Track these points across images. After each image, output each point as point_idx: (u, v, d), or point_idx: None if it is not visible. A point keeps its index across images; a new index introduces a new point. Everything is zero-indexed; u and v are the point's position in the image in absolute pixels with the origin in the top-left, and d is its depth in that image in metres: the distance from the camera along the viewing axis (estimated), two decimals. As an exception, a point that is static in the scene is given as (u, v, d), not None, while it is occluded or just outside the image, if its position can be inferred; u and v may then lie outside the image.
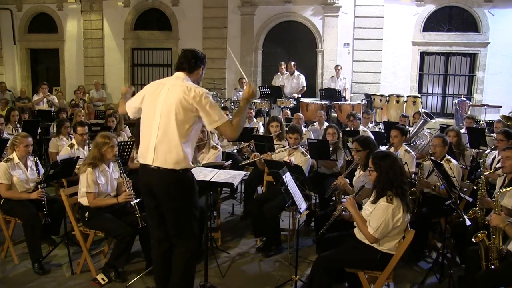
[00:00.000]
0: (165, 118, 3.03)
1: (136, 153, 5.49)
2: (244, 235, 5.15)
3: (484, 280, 3.18)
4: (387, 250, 3.30)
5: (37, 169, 4.41)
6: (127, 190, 4.07)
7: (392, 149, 5.26)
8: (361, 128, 7.12)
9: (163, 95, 3.08)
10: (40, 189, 4.26)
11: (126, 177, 4.14)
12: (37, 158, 4.55)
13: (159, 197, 3.11)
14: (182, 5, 13.42)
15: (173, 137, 3.02)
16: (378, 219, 3.22)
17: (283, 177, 3.56)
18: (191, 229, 3.20)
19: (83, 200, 4.04)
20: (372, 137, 5.39)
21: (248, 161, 5.43)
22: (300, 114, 7.81)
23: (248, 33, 12.93)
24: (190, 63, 3.20)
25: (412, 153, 5.23)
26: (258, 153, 5.32)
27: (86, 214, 4.02)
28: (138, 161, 3.26)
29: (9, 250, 4.42)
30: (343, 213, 3.68)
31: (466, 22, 11.77)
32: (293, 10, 12.48)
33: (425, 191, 4.62)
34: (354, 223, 3.53)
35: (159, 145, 3.04)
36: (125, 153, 5.25)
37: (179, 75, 3.19)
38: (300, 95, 10.86)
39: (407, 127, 7.94)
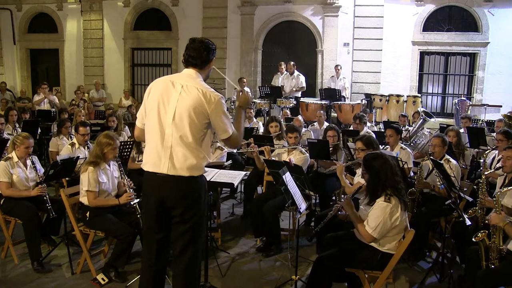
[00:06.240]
0: (179, 123, 2.75)
1: (136, 153, 5.54)
2: (244, 235, 5.15)
3: (484, 280, 3.19)
4: (387, 250, 3.30)
5: (34, 166, 4.39)
6: (127, 191, 4.07)
7: (388, 149, 5.28)
8: (365, 129, 7.11)
9: (175, 97, 2.77)
10: (40, 186, 4.26)
11: (126, 178, 4.14)
12: (34, 156, 4.53)
13: (175, 208, 2.84)
14: (182, 5, 13.43)
15: (190, 143, 2.76)
16: (377, 218, 3.22)
17: (283, 177, 3.56)
18: (201, 235, 3.00)
19: (85, 200, 4.03)
20: (374, 137, 5.40)
21: (247, 150, 5.43)
22: (300, 118, 7.80)
23: (248, 33, 12.94)
24: (202, 56, 2.85)
25: (408, 149, 5.28)
26: (257, 146, 5.34)
27: (87, 214, 4.02)
28: (142, 166, 2.94)
29: (9, 250, 4.42)
30: (339, 213, 3.68)
31: (466, 22, 11.77)
32: (293, 10, 12.49)
33: (424, 191, 4.63)
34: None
35: (175, 152, 2.76)
36: (124, 153, 5.25)
37: (190, 73, 2.87)
38: (299, 94, 10.86)
39: (406, 126, 7.98)
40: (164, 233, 2.94)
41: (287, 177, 3.63)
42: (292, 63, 11.00)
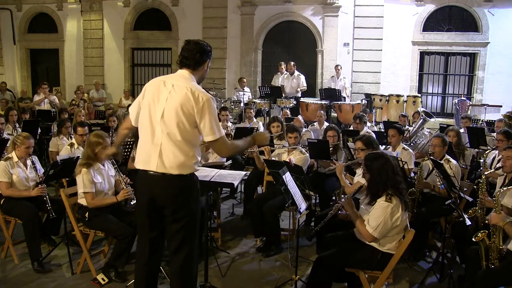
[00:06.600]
0: (168, 122, 2.77)
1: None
2: (244, 235, 5.15)
3: (484, 280, 3.19)
4: (387, 250, 3.30)
5: (34, 166, 4.38)
6: (124, 188, 4.06)
7: (390, 149, 5.28)
8: (365, 129, 7.12)
9: (164, 95, 2.80)
10: (40, 186, 4.25)
11: (122, 175, 4.13)
12: (35, 156, 4.53)
13: (165, 207, 2.86)
14: (182, 5, 13.43)
15: (178, 141, 2.78)
16: (377, 218, 3.22)
17: (283, 177, 3.56)
18: (195, 234, 2.99)
19: (83, 201, 4.03)
20: (374, 137, 5.40)
21: (247, 150, 5.45)
22: (300, 118, 7.79)
23: (248, 33, 12.94)
24: (195, 57, 2.87)
25: (410, 150, 5.28)
26: (256, 146, 5.33)
27: (87, 215, 4.01)
28: (135, 165, 3.01)
29: (9, 250, 4.42)
30: (339, 212, 3.68)
31: (466, 22, 11.77)
32: (293, 10, 12.48)
33: (424, 191, 4.63)
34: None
35: (164, 150, 2.78)
36: (124, 153, 5.25)
37: (184, 73, 2.89)
38: (299, 94, 10.87)
39: (406, 126, 7.99)
40: (157, 232, 2.96)
41: (287, 177, 3.63)
42: (292, 63, 11.01)
